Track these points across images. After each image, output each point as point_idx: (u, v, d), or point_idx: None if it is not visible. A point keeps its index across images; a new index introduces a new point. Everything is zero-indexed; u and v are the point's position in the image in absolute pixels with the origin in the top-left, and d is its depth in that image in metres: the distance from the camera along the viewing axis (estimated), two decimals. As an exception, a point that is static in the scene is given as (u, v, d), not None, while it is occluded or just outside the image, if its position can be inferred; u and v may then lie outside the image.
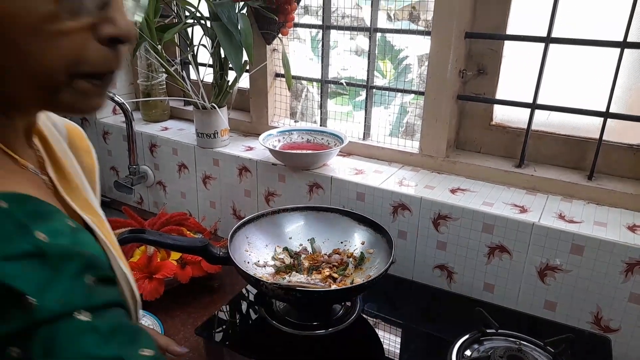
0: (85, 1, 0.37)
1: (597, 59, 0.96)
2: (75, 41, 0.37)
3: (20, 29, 0.34)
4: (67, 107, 0.41)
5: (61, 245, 0.34)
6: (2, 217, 0.33)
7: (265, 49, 1.27)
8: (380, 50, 1.21)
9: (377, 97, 1.23)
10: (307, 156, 1.13)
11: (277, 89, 1.35)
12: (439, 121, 1.09)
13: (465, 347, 0.82)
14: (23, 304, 0.31)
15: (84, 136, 0.58)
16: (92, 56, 0.38)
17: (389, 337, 0.90)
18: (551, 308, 0.93)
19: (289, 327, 0.88)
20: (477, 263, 0.98)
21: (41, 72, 0.37)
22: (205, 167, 1.30)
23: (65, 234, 0.36)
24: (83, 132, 0.59)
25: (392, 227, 1.04)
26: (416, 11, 1.15)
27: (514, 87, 1.06)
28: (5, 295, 0.31)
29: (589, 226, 0.88)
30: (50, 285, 0.32)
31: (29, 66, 0.36)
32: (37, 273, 0.32)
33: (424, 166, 1.15)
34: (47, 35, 0.35)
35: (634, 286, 0.84)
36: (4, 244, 0.32)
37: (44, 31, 0.35)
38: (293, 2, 1.17)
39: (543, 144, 1.07)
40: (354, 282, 0.91)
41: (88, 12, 0.37)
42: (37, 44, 0.35)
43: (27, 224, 0.33)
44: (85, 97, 0.40)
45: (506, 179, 1.06)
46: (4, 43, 0.35)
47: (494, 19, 1.03)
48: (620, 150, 1.00)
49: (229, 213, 1.30)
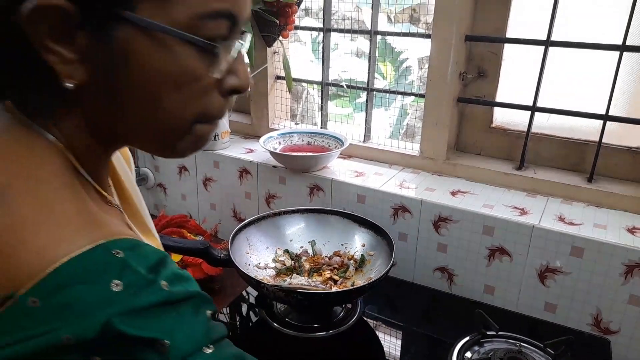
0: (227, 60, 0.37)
1: (597, 62, 0.97)
2: (207, 96, 0.38)
3: (169, 85, 0.35)
4: (181, 151, 0.41)
5: (180, 290, 0.35)
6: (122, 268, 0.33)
7: (265, 52, 1.28)
8: (380, 53, 1.22)
9: (378, 99, 1.24)
10: (307, 158, 1.13)
11: (278, 91, 1.36)
12: (440, 123, 1.09)
13: (466, 349, 0.83)
14: (156, 347, 0.32)
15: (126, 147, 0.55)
16: (215, 106, 0.39)
17: (390, 339, 0.90)
18: (551, 310, 0.93)
19: (290, 329, 0.88)
20: (478, 265, 0.98)
21: (173, 123, 0.38)
22: (205, 169, 1.30)
23: (177, 277, 0.36)
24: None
25: (392, 230, 1.04)
26: (416, 13, 1.16)
27: (514, 89, 1.07)
28: (138, 342, 0.31)
29: (588, 228, 0.88)
30: (178, 326, 0.33)
31: (164, 118, 0.37)
32: (166, 320, 0.33)
33: (425, 168, 1.15)
34: (188, 93, 0.37)
35: (633, 288, 0.84)
36: (132, 297, 0.32)
37: (188, 89, 0.36)
38: (294, 5, 1.17)
39: (543, 147, 1.07)
40: (354, 284, 0.91)
41: (223, 70, 0.38)
42: (179, 99, 0.36)
43: (147, 274, 0.33)
44: (200, 141, 0.41)
45: (506, 181, 1.06)
46: (150, 97, 0.36)
47: (494, 22, 1.04)
48: (620, 152, 1.00)
49: (230, 215, 1.30)
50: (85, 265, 0.32)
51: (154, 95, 0.36)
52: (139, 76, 0.35)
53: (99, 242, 0.33)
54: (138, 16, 0.32)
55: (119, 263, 0.33)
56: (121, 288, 0.32)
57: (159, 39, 0.34)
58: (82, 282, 0.31)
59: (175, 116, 0.38)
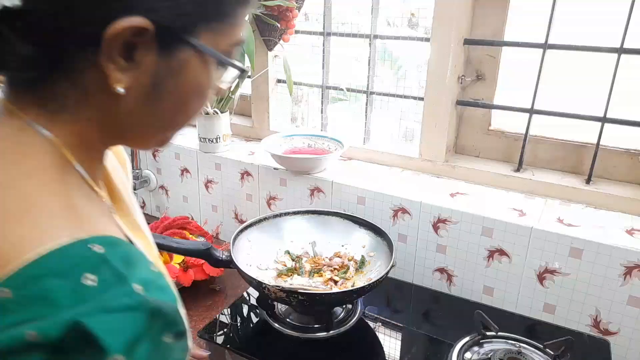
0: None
1: (595, 64, 0.98)
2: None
3: (197, 94, 0.42)
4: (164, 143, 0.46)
5: (154, 300, 0.33)
6: (99, 264, 0.32)
7: (266, 55, 1.29)
8: (379, 56, 1.23)
9: (377, 102, 1.25)
10: (308, 160, 1.14)
11: (279, 94, 1.37)
12: (438, 126, 1.10)
13: (465, 350, 0.83)
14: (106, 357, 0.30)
15: (121, 148, 0.57)
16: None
17: (390, 340, 0.90)
18: (550, 311, 0.93)
19: (291, 330, 0.89)
20: (477, 266, 0.99)
21: (183, 122, 0.44)
22: (207, 171, 1.31)
23: (154, 285, 0.35)
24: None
25: (392, 231, 1.05)
26: (415, 17, 1.17)
27: (512, 92, 1.08)
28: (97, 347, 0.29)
29: (587, 230, 0.89)
30: (139, 343, 0.31)
31: (182, 119, 0.43)
32: (130, 329, 0.31)
33: (424, 170, 1.16)
34: (204, 99, 0.43)
35: (632, 289, 0.85)
36: (105, 295, 0.31)
37: (205, 97, 0.43)
38: (294, 9, 1.18)
39: (541, 149, 1.08)
40: (354, 285, 0.91)
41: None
42: (198, 104, 0.43)
43: (125, 274, 0.32)
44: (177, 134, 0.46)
45: (505, 183, 1.07)
46: (181, 103, 0.42)
47: (492, 26, 1.05)
48: (618, 154, 1.01)
49: (231, 217, 1.31)
50: (63, 259, 0.31)
51: (186, 102, 0.42)
52: (181, 87, 0.41)
53: (81, 237, 0.33)
54: (200, 43, 0.39)
55: (97, 258, 0.32)
56: (95, 284, 0.31)
57: (206, 60, 0.40)
58: (56, 275, 0.30)
59: (189, 117, 0.44)
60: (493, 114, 1.12)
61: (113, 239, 0.36)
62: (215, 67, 0.42)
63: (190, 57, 0.39)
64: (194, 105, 0.43)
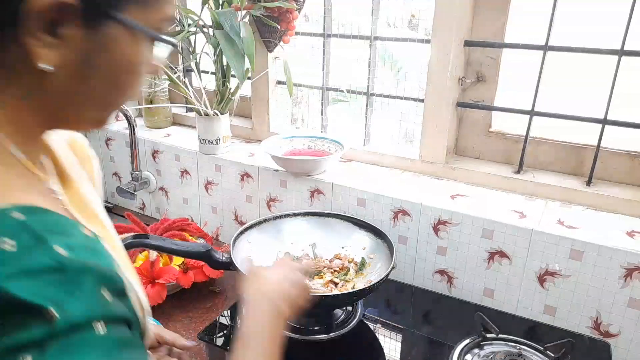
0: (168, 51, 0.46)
1: (596, 66, 0.98)
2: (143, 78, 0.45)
3: (130, 71, 0.42)
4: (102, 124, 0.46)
5: (79, 260, 0.34)
6: (19, 230, 0.33)
7: (266, 57, 1.29)
8: (380, 58, 1.23)
9: (377, 103, 1.25)
10: (308, 162, 1.14)
11: (279, 95, 1.37)
12: (439, 128, 1.10)
13: (466, 352, 0.83)
14: (44, 315, 0.31)
15: (85, 144, 0.58)
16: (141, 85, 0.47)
17: (390, 342, 0.90)
18: (551, 313, 0.93)
19: (291, 332, 0.89)
20: (477, 268, 0.99)
21: (121, 101, 0.44)
22: (207, 173, 1.31)
23: (82, 248, 0.36)
24: (85, 140, 0.60)
25: (392, 233, 1.04)
26: (415, 19, 1.17)
27: (513, 94, 1.08)
28: (25, 308, 0.31)
29: (587, 232, 0.89)
30: (70, 297, 0.32)
31: (119, 98, 0.44)
32: (57, 287, 0.32)
33: (424, 172, 1.16)
34: (139, 77, 0.44)
35: (632, 291, 0.85)
36: (24, 258, 0.32)
37: (140, 74, 0.43)
38: (294, 11, 1.18)
39: (541, 150, 1.08)
40: (355, 287, 0.91)
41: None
42: (134, 83, 0.43)
43: (46, 237, 0.33)
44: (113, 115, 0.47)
45: (505, 184, 1.07)
46: (114, 81, 0.42)
47: (492, 27, 1.05)
48: (618, 156, 1.01)
49: (231, 219, 1.31)
50: None
51: (117, 79, 0.42)
52: (111, 64, 0.41)
53: (1, 206, 0.34)
54: (127, 18, 0.39)
55: (17, 224, 0.33)
56: (14, 249, 0.32)
57: (135, 36, 0.41)
58: None
59: (125, 96, 0.44)
60: (493, 115, 1.12)
61: (38, 208, 0.36)
62: (146, 43, 0.42)
63: (118, 32, 0.39)
64: (127, 82, 0.43)
